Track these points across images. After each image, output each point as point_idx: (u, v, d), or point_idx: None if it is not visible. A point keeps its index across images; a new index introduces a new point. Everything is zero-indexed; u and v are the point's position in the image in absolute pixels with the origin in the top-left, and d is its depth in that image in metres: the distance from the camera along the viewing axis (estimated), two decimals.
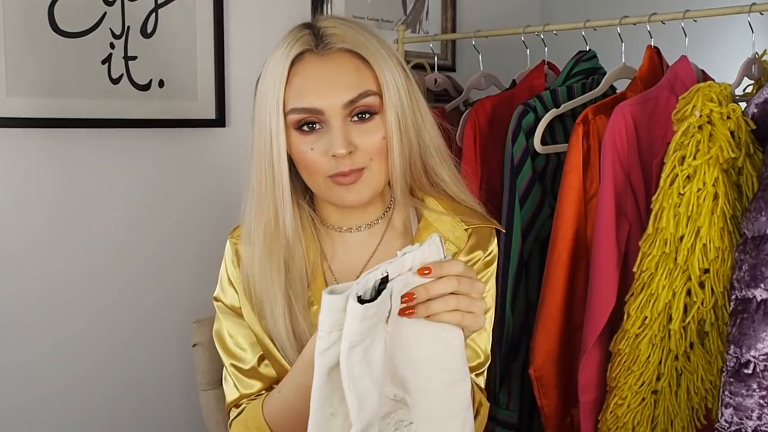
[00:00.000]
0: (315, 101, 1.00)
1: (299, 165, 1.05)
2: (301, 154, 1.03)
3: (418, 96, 1.09)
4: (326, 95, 1.00)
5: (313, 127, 1.02)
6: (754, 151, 1.33)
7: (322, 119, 1.01)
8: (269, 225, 1.06)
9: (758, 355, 1.23)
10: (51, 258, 1.59)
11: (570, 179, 1.53)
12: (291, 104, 1.01)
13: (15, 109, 1.50)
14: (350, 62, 1.02)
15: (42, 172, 1.57)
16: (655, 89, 1.51)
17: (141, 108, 1.66)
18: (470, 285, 0.82)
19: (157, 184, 1.73)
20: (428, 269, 0.80)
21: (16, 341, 1.56)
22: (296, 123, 1.02)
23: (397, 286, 0.79)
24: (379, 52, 1.03)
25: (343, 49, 1.02)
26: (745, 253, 1.26)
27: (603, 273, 1.44)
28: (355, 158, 1.02)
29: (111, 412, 1.69)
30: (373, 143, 1.02)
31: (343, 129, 1.00)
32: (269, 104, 1.02)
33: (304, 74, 1.01)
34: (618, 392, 1.43)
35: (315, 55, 1.02)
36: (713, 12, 1.49)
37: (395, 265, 0.79)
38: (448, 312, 0.80)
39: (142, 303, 1.73)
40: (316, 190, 1.07)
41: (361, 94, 1.01)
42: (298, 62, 1.02)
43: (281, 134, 1.02)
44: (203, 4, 1.74)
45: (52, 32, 1.54)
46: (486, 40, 1.91)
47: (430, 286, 0.80)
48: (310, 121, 1.01)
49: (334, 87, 1.00)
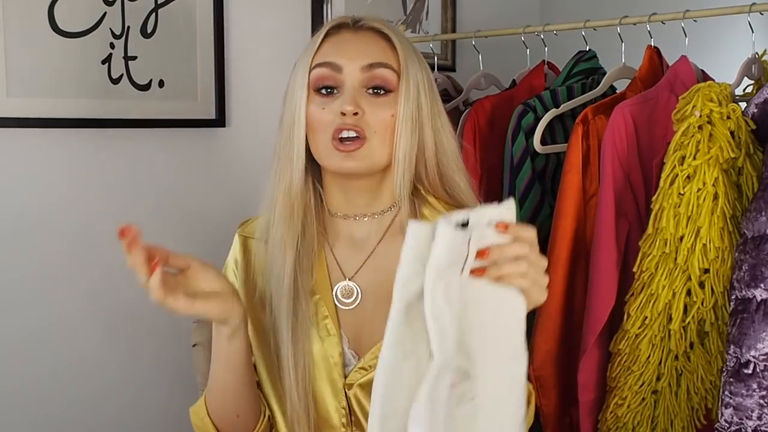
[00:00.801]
0: (336, 58, 1.08)
1: (309, 126, 1.10)
2: (313, 113, 1.09)
3: (439, 104, 1.14)
4: (348, 55, 1.08)
5: (331, 92, 1.09)
6: (754, 151, 1.33)
7: (340, 81, 1.08)
8: (288, 189, 1.11)
9: (758, 355, 1.23)
10: (48, 258, 1.59)
11: (569, 179, 1.53)
12: (315, 61, 1.09)
13: (15, 109, 1.50)
14: (379, 41, 1.11)
15: (42, 171, 1.57)
16: (655, 89, 1.51)
17: (141, 108, 1.66)
18: (540, 256, 0.83)
19: (157, 184, 1.73)
20: (506, 226, 0.81)
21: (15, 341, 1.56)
22: (316, 83, 1.09)
23: (475, 235, 0.78)
24: (409, 50, 1.11)
25: (376, 29, 1.11)
26: (745, 253, 1.26)
27: (603, 273, 1.44)
28: (360, 121, 1.06)
29: (110, 411, 1.69)
30: (380, 116, 1.07)
31: (355, 92, 1.07)
32: (299, 66, 1.10)
33: (335, 42, 1.11)
34: (618, 392, 1.43)
35: (349, 29, 1.12)
36: (713, 12, 1.49)
37: (475, 214, 0.78)
38: (519, 276, 0.81)
39: (141, 303, 1.72)
40: (317, 152, 1.10)
41: (381, 62, 1.08)
42: (332, 33, 1.11)
43: (304, 94, 1.09)
44: (203, 4, 1.74)
45: (52, 32, 1.54)
46: (486, 40, 1.91)
47: (505, 248, 0.81)
48: (328, 85, 1.08)
49: (358, 51, 1.09)
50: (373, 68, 1.07)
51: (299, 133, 1.09)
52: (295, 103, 1.09)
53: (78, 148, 1.61)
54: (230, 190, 1.81)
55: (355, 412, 1.10)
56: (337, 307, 1.12)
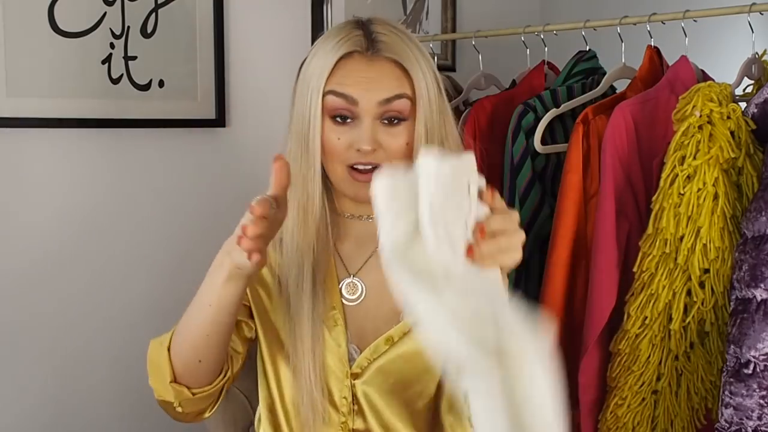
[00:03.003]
0: (354, 92, 1.07)
1: (324, 151, 1.10)
2: (329, 141, 1.08)
3: (446, 111, 1.15)
4: (365, 90, 1.07)
5: (345, 120, 1.08)
6: (754, 151, 1.33)
7: (355, 113, 1.07)
8: (305, 201, 1.11)
9: (758, 355, 1.23)
10: (46, 256, 1.59)
11: (570, 179, 1.53)
12: (329, 87, 1.08)
13: (15, 109, 1.50)
14: (393, 71, 1.09)
15: (42, 171, 1.57)
16: (655, 89, 1.51)
17: (141, 108, 1.66)
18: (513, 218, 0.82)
19: (157, 184, 1.73)
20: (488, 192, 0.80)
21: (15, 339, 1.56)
22: (332, 111, 1.08)
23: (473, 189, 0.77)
24: (419, 64, 1.10)
25: (390, 58, 1.09)
26: (745, 253, 1.26)
27: (603, 273, 1.44)
28: (377, 156, 1.07)
29: (111, 411, 1.69)
30: (396, 145, 1.08)
31: (372, 126, 1.07)
32: (312, 87, 1.09)
33: (350, 69, 1.08)
34: (618, 392, 1.43)
35: (363, 56, 1.09)
36: (713, 12, 1.49)
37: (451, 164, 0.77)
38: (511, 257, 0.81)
39: (137, 303, 1.73)
40: (333, 177, 1.11)
41: (397, 95, 1.07)
42: (346, 58, 1.09)
43: (318, 116, 1.08)
44: (203, 4, 1.74)
45: (52, 32, 1.54)
46: (486, 40, 1.91)
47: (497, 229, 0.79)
48: (343, 114, 1.08)
49: (374, 86, 1.07)
50: (391, 102, 1.07)
51: (314, 154, 1.09)
52: (310, 120, 1.08)
53: (78, 147, 1.61)
54: (230, 190, 1.81)
55: (359, 401, 1.12)
56: (342, 302, 1.14)
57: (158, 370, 1.05)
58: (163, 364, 1.05)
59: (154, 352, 1.06)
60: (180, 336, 1.04)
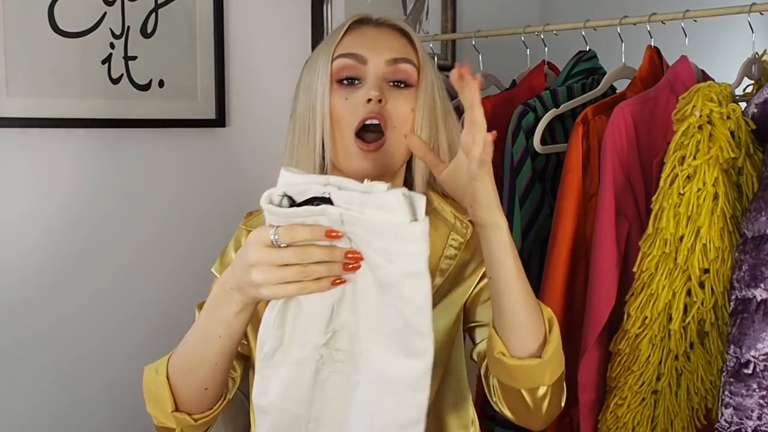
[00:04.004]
0: (361, 50, 1.10)
1: (333, 118, 1.10)
2: (336, 105, 1.09)
3: (449, 105, 1.16)
4: (373, 48, 1.10)
5: (353, 83, 1.10)
6: (754, 151, 1.33)
7: (363, 73, 1.09)
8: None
9: (758, 355, 1.23)
10: (48, 257, 1.59)
11: (570, 179, 1.53)
12: (338, 52, 1.11)
13: (15, 109, 1.50)
14: (400, 38, 1.13)
15: (41, 172, 1.57)
16: (655, 89, 1.51)
17: (141, 108, 1.66)
18: None
19: (157, 184, 1.73)
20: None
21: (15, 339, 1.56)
22: (339, 73, 1.10)
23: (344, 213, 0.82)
24: (425, 53, 1.14)
25: (397, 27, 1.14)
26: (745, 253, 1.27)
27: (603, 273, 1.44)
28: (384, 110, 1.08)
29: (112, 409, 1.69)
30: (401, 109, 1.09)
31: (379, 81, 1.09)
32: (320, 57, 1.12)
33: (358, 34, 1.13)
34: (618, 392, 1.43)
35: (372, 24, 1.15)
36: (713, 12, 1.49)
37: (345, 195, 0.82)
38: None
39: (138, 302, 1.73)
40: (340, 154, 1.10)
41: (404, 57, 1.11)
42: (355, 27, 1.13)
43: (327, 83, 1.09)
44: (203, 4, 1.74)
45: (52, 32, 1.54)
46: (486, 40, 1.91)
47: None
48: (351, 76, 1.10)
49: (382, 45, 1.11)
50: (398, 63, 1.10)
51: (324, 123, 1.09)
52: (316, 94, 1.10)
53: (78, 148, 1.61)
54: (230, 190, 1.81)
55: None
56: None
57: (157, 399, 1.02)
58: (163, 394, 1.01)
59: (150, 382, 1.03)
60: (182, 366, 1.01)
